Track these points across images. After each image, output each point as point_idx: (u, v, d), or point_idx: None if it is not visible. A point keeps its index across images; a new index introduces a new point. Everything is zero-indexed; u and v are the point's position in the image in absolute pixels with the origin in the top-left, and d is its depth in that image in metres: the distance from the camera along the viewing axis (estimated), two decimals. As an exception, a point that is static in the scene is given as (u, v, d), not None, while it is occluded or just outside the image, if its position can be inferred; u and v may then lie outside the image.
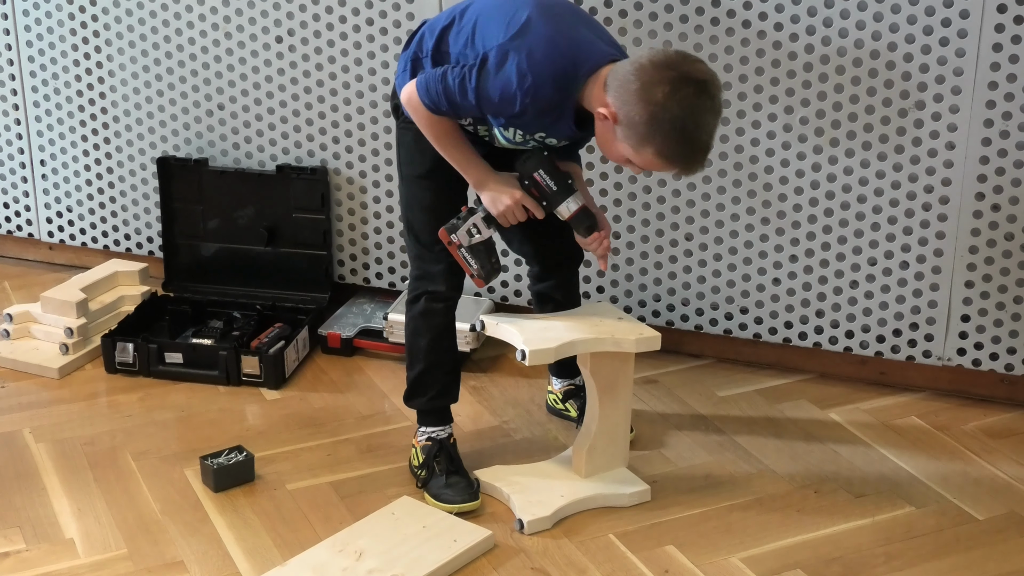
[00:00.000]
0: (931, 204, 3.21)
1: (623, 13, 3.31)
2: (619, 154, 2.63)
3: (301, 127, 3.73)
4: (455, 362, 3.02)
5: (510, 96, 2.58)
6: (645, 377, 3.47)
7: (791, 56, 3.20)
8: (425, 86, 2.66)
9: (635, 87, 2.51)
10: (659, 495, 2.93)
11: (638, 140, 2.55)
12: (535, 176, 2.74)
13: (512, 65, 2.56)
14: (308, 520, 2.83)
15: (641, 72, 2.51)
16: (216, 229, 3.84)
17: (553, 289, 3.09)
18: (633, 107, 2.51)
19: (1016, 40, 3.02)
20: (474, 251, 2.82)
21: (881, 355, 3.39)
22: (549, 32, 2.59)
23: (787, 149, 3.29)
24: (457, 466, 2.93)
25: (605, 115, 2.56)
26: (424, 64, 2.76)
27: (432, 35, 2.75)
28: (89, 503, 2.89)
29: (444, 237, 2.81)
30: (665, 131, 2.51)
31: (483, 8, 2.70)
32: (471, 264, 2.83)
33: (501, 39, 2.58)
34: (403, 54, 2.84)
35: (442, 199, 2.87)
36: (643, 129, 2.52)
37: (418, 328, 2.95)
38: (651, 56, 2.55)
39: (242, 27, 3.68)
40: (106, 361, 3.48)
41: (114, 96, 3.89)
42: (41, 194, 4.07)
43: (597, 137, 2.67)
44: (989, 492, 2.97)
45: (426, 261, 2.91)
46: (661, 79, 2.50)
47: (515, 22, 2.59)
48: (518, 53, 2.56)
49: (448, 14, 2.76)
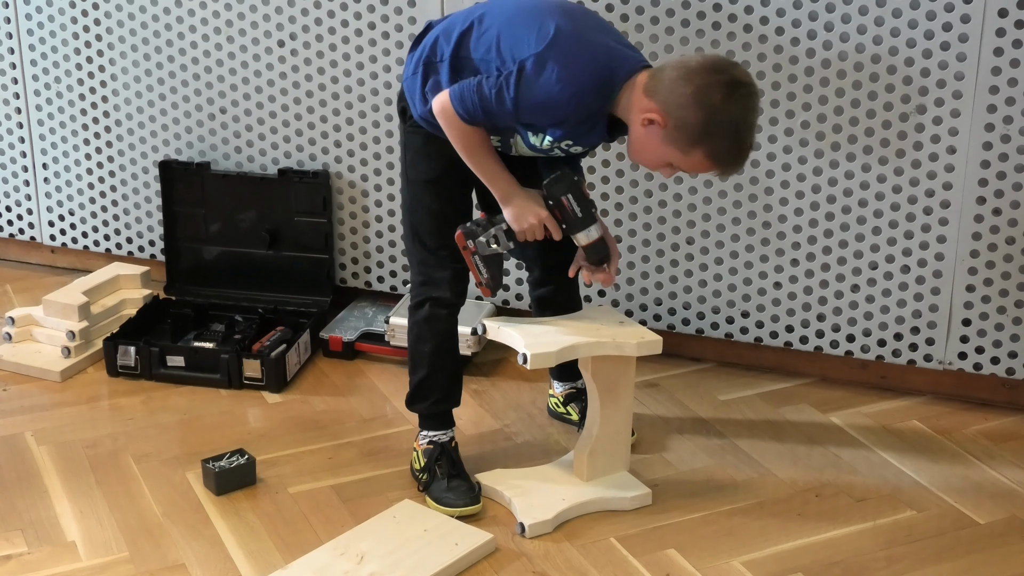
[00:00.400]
0: (932, 208, 3.22)
1: (624, 17, 3.31)
2: (659, 159, 2.65)
3: (303, 131, 3.73)
4: (457, 367, 3.02)
5: (552, 105, 2.60)
6: (646, 381, 3.47)
7: (792, 60, 3.21)
8: (460, 96, 2.63)
9: (689, 90, 2.54)
10: (660, 499, 2.93)
11: (689, 143, 2.58)
12: (563, 199, 2.74)
13: (552, 74, 2.57)
14: (309, 523, 2.83)
15: (693, 76, 2.55)
16: (218, 232, 3.85)
17: (553, 294, 3.09)
18: (687, 110, 2.54)
19: (1017, 44, 3.02)
20: (488, 261, 2.81)
21: (882, 359, 3.39)
22: (582, 41, 2.62)
23: (788, 153, 3.29)
24: (459, 470, 2.93)
25: (651, 120, 2.58)
26: (440, 69, 2.73)
27: (448, 40, 2.73)
28: (91, 506, 2.89)
29: (461, 241, 2.79)
30: (720, 133, 2.56)
31: (505, 16, 2.69)
32: (482, 273, 2.81)
33: (536, 48, 2.58)
34: (411, 56, 2.82)
35: (448, 204, 2.87)
36: (697, 131, 2.56)
37: (421, 334, 2.95)
38: (699, 60, 2.60)
39: (244, 31, 3.68)
40: (108, 364, 3.49)
41: (116, 100, 3.89)
42: (43, 197, 4.07)
43: (633, 143, 2.66)
44: (990, 496, 2.97)
45: (430, 267, 2.90)
46: (716, 82, 2.54)
47: (545, 31, 2.60)
48: (556, 62, 2.57)
49: (463, 19, 2.74)
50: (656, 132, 2.60)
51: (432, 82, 2.75)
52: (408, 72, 2.82)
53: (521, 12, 2.69)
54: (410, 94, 2.82)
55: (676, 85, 2.55)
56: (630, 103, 2.62)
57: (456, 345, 3.00)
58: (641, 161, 2.71)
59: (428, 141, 2.81)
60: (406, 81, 2.83)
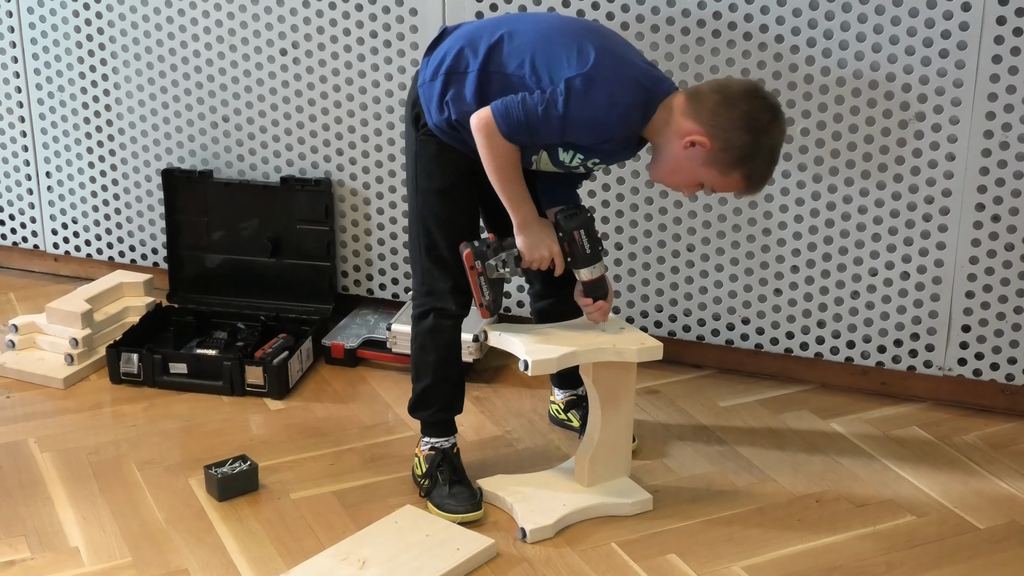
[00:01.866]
0: (931, 215, 3.23)
1: (625, 25, 3.33)
2: (693, 179, 2.70)
3: (305, 139, 3.75)
4: (461, 375, 3.02)
5: (600, 124, 2.63)
6: (647, 387, 3.48)
7: (791, 68, 3.22)
8: (505, 112, 2.61)
9: (736, 114, 2.61)
10: (661, 504, 2.94)
11: (731, 164, 2.65)
12: (575, 233, 2.77)
13: (601, 94, 2.60)
14: (312, 529, 2.84)
15: (737, 100, 2.63)
16: (220, 240, 3.86)
17: (554, 306, 3.09)
18: (734, 132, 2.61)
19: (1016, 52, 3.03)
20: (492, 284, 2.81)
21: (882, 365, 3.40)
22: (624, 63, 2.67)
23: (787, 160, 3.30)
24: (460, 476, 2.94)
25: (695, 142, 2.63)
26: (465, 80, 2.71)
27: (476, 52, 2.72)
28: (94, 512, 2.90)
29: (469, 260, 2.79)
30: (762, 156, 2.65)
31: (538, 32, 2.70)
32: (485, 294, 2.82)
33: (580, 68, 2.61)
34: (427, 62, 2.80)
35: (458, 216, 2.86)
36: (741, 153, 2.63)
37: (425, 344, 2.95)
38: (739, 84, 2.70)
39: (246, 40, 3.70)
40: (111, 371, 3.50)
41: (119, 108, 3.91)
42: (47, 206, 4.09)
43: (667, 163, 2.70)
44: (990, 502, 2.98)
45: (435, 278, 2.90)
46: (761, 107, 2.63)
47: (586, 52, 2.63)
48: (605, 83, 2.60)
49: (490, 31, 2.74)
50: (698, 154, 2.65)
51: (454, 93, 2.73)
52: (424, 78, 2.80)
53: (556, 31, 2.71)
54: (426, 101, 2.79)
55: (722, 108, 2.62)
56: (666, 125, 2.67)
57: (459, 354, 3.01)
58: (670, 180, 2.74)
59: (442, 151, 2.80)
60: (422, 87, 2.80)
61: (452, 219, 2.85)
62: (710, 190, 2.75)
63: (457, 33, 2.81)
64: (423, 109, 2.81)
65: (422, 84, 2.80)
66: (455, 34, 2.81)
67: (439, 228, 2.86)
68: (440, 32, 2.85)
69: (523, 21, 2.79)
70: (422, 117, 2.82)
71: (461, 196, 2.86)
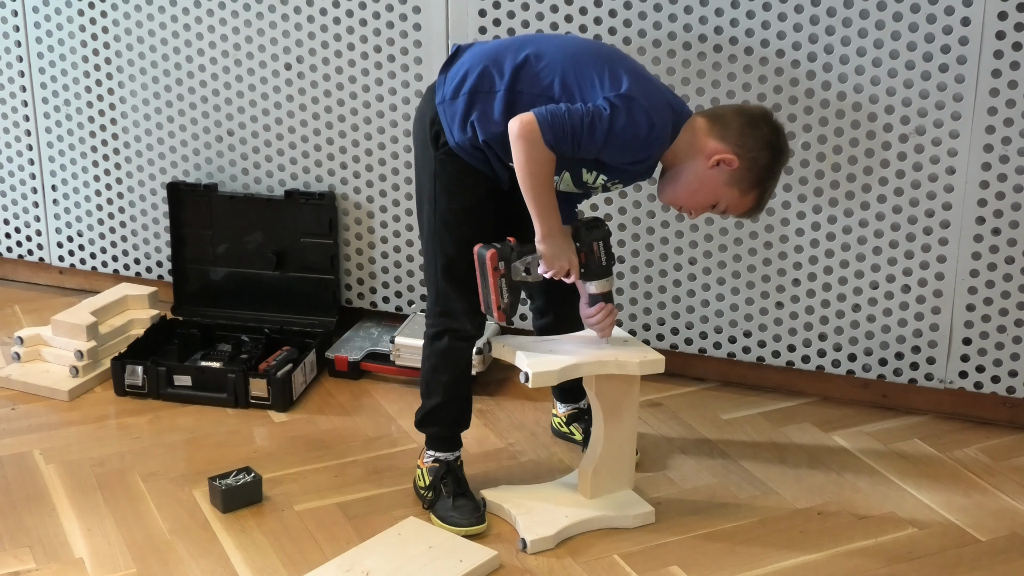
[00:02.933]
0: (932, 228, 3.24)
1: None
2: (711, 199, 2.76)
3: (309, 153, 3.77)
4: (469, 393, 3.02)
5: (638, 145, 2.67)
6: (650, 400, 3.49)
7: (792, 82, 3.24)
8: (550, 120, 2.60)
9: (760, 135, 2.71)
10: (664, 517, 2.95)
11: (752, 184, 2.73)
12: (594, 245, 2.79)
13: (641, 114, 2.64)
14: (315, 540, 2.85)
15: (759, 121, 2.73)
16: (225, 253, 3.88)
17: (555, 324, 3.10)
18: (760, 152, 2.70)
19: (1015, 66, 3.05)
20: (512, 287, 2.78)
21: (884, 378, 3.41)
22: (654, 86, 2.73)
23: (789, 174, 3.32)
24: (464, 488, 2.95)
25: (721, 160, 2.69)
26: (492, 100, 2.71)
27: (501, 72, 2.72)
28: (99, 523, 2.91)
29: (493, 260, 2.74)
30: (775, 177, 2.77)
31: (566, 55, 2.72)
32: (504, 297, 2.77)
33: (616, 89, 2.64)
34: (446, 79, 2.78)
35: (476, 236, 2.81)
36: (763, 174, 2.72)
37: (439, 364, 2.94)
38: (757, 107, 2.88)
39: (251, 54, 3.72)
40: (115, 384, 3.52)
41: (125, 122, 3.93)
42: (52, 219, 4.11)
43: (689, 183, 2.74)
44: (991, 514, 2.99)
45: (451, 299, 2.88)
46: (778, 128, 2.76)
47: (617, 75, 2.67)
48: (643, 104, 2.64)
49: (513, 51, 2.74)
50: (722, 173, 2.71)
51: (479, 113, 2.72)
52: (444, 96, 2.78)
53: (583, 53, 2.74)
54: (448, 120, 2.77)
55: (748, 129, 2.71)
56: (689, 146, 2.72)
57: (470, 373, 3.01)
58: (688, 200, 2.78)
59: (463, 171, 2.79)
60: (442, 105, 2.78)
61: (473, 239, 2.81)
62: (722, 211, 2.78)
63: (475, 52, 2.80)
64: (443, 128, 2.78)
65: (441, 102, 2.78)
66: (472, 53, 2.80)
67: (457, 248, 2.83)
68: (454, 50, 2.85)
69: (547, 42, 2.79)
70: (442, 135, 2.79)
71: (481, 217, 2.85)
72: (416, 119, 2.92)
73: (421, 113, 2.88)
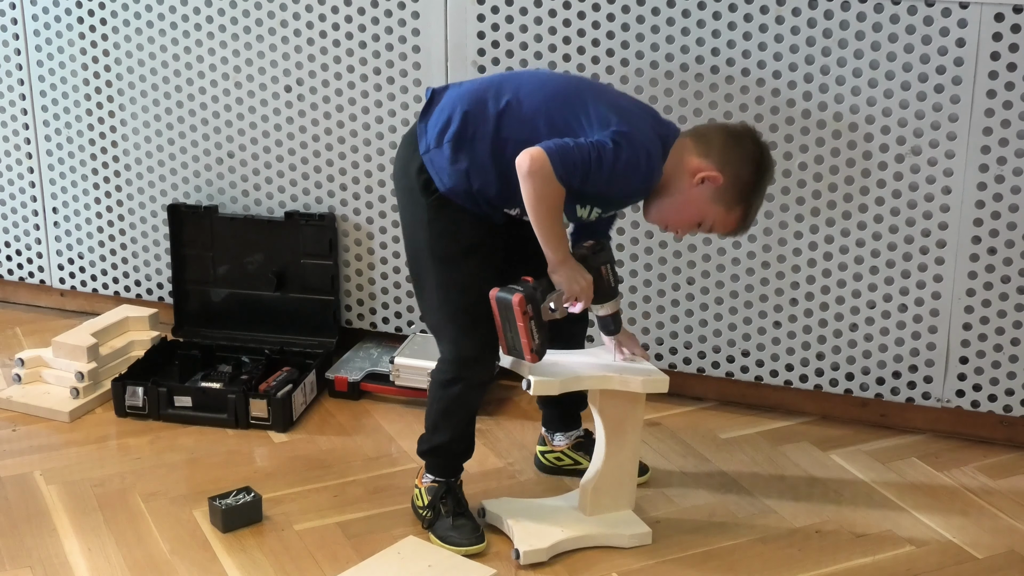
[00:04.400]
0: (928, 247, 3.26)
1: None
2: (697, 217, 2.77)
3: (309, 174, 3.79)
4: (474, 428, 3.01)
5: (641, 175, 2.70)
6: (649, 420, 3.50)
7: (789, 103, 3.26)
8: (560, 154, 2.60)
9: (743, 151, 2.73)
10: (662, 535, 2.96)
11: (737, 199, 2.74)
12: (602, 268, 2.80)
13: (638, 146, 2.67)
14: (315, 560, 2.86)
15: (742, 138, 2.75)
16: (226, 275, 3.90)
17: (552, 339, 3.08)
18: (743, 168, 2.72)
19: (1010, 87, 3.08)
20: (541, 327, 2.75)
21: (881, 397, 3.43)
22: (635, 116, 2.75)
23: (786, 194, 3.34)
24: (463, 508, 2.95)
25: (706, 177, 2.70)
26: (477, 147, 2.72)
27: (483, 118, 2.72)
28: (99, 543, 2.92)
29: (521, 306, 2.70)
30: (760, 192, 2.78)
31: (542, 97, 2.72)
32: (534, 338, 2.74)
33: (607, 126, 2.66)
34: (428, 127, 2.77)
35: (483, 278, 2.80)
36: (747, 190, 2.73)
37: (450, 408, 2.92)
38: (739, 124, 2.90)
39: (251, 76, 3.75)
40: (116, 405, 3.53)
41: (125, 144, 3.95)
42: (53, 241, 4.13)
43: (673, 202, 2.76)
44: (989, 531, 3.00)
45: (462, 346, 2.85)
46: (763, 145, 2.78)
47: (600, 112, 2.70)
48: (636, 137, 2.67)
49: (493, 94, 2.74)
50: (707, 190, 2.72)
51: (469, 162, 2.72)
52: (428, 144, 2.77)
53: (563, 91, 2.75)
54: (436, 168, 2.77)
55: (730, 145, 2.73)
56: (676, 166, 2.74)
57: (477, 411, 3.01)
58: (674, 219, 2.79)
59: (459, 214, 2.78)
60: (428, 155, 2.78)
61: (477, 282, 2.79)
62: (708, 229, 2.80)
63: (453, 96, 2.79)
64: (432, 175, 2.78)
65: (426, 152, 2.78)
66: (450, 97, 2.79)
67: (462, 293, 2.82)
68: (429, 95, 2.83)
69: (522, 85, 2.78)
70: (432, 183, 2.78)
71: (484, 257, 2.83)
72: (398, 168, 2.89)
73: (404, 162, 2.86)
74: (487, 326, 2.81)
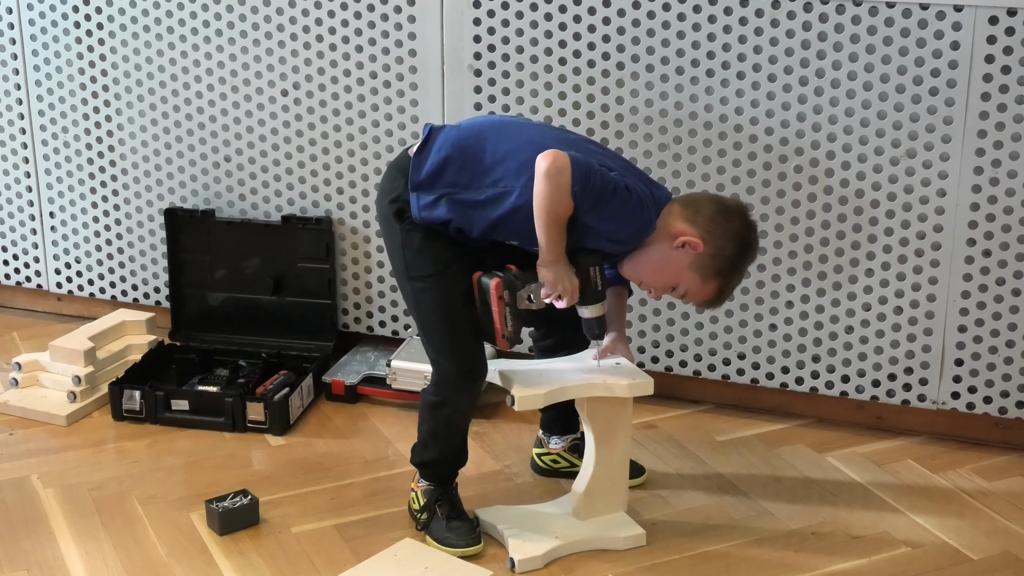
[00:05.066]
0: (923, 250, 3.27)
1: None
2: (672, 280, 2.78)
3: (306, 178, 3.79)
4: (466, 438, 3.01)
5: (635, 229, 2.73)
6: (645, 422, 3.51)
7: (784, 106, 3.27)
8: (584, 172, 2.62)
9: (730, 226, 2.74)
10: (659, 537, 2.96)
11: (713, 273, 2.75)
12: (591, 270, 2.79)
13: (642, 200, 2.70)
14: (312, 562, 2.87)
15: (731, 213, 2.76)
16: (223, 279, 3.90)
17: (558, 345, 3.10)
18: (727, 242, 2.73)
19: (1004, 89, 3.09)
20: (516, 315, 2.79)
21: (877, 399, 3.43)
22: (636, 177, 2.77)
23: (781, 197, 3.35)
24: (459, 511, 2.96)
25: (687, 243, 2.72)
26: (472, 195, 2.73)
27: (478, 167, 2.74)
28: (97, 547, 2.93)
29: (498, 290, 2.75)
30: (739, 271, 2.79)
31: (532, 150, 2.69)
32: (508, 326, 2.79)
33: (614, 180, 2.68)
34: (419, 166, 2.78)
35: (453, 296, 2.83)
36: (724, 264, 2.74)
37: (439, 429, 2.94)
38: (733, 199, 2.90)
39: (248, 81, 3.76)
40: (113, 409, 3.53)
41: (122, 149, 3.96)
42: (50, 245, 4.13)
43: (651, 260, 2.78)
44: (984, 533, 3.01)
45: (443, 367, 2.87)
46: (752, 226, 2.79)
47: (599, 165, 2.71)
48: (637, 194, 2.70)
49: (491, 146, 2.75)
50: (686, 256, 2.74)
51: (458, 208, 2.75)
52: (420, 181, 2.77)
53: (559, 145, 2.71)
54: (418, 202, 2.78)
55: (719, 218, 2.74)
56: (660, 228, 2.75)
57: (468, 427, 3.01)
58: (649, 277, 2.80)
59: (429, 236, 2.80)
60: (417, 192, 2.78)
61: (448, 300, 2.83)
62: (681, 295, 2.81)
63: (448, 139, 2.79)
64: (411, 205, 2.80)
65: (416, 188, 2.78)
66: (445, 139, 2.79)
67: (434, 314, 2.84)
68: (427, 132, 2.83)
69: (513, 137, 2.78)
70: (406, 211, 2.81)
71: (455, 275, 2.83)
72: (379, 196, 2.92)
73: (383, 191, 2.89)
74: (464, 346, 2.84)
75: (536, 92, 3.48)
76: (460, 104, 3.55)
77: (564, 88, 3.45)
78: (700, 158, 3.38)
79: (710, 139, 3.35)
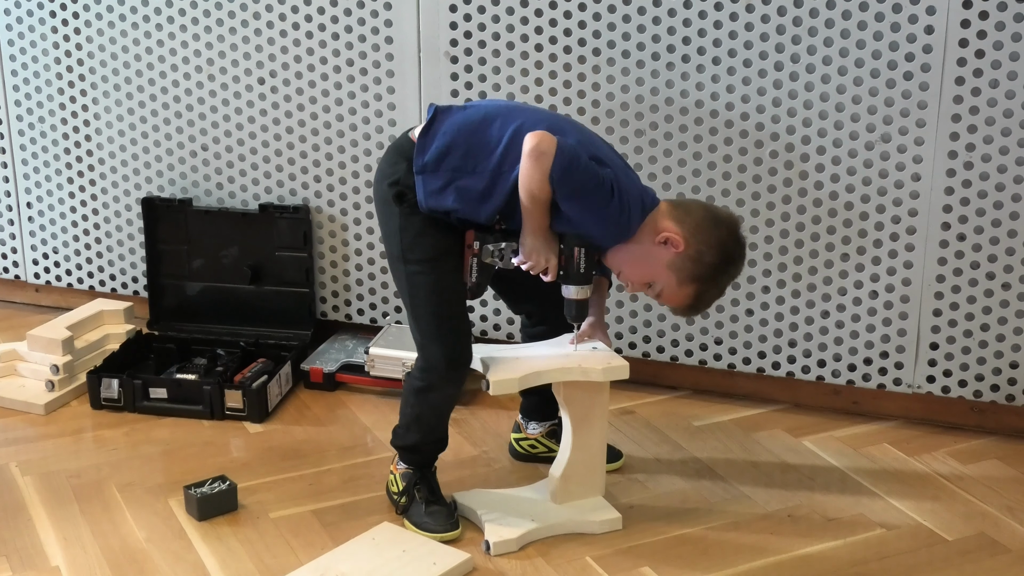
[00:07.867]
0: (898, 234, 3.29)
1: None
2: (648, 276, 2.78)
3: (283, 167, 3.80)
4: (448, 424, 3.02)
5: (614, 230, 2.73)
6: (622, 408, 3.53)
7: (760, 92, 3.29)
8: (569, 161, 2.62)
9: (717, 235, 2.74)
10: (636, 520, 2.98)
11: (691, 277, 2.74)
12: (576, 250, 2.80)
13: (626, 206, 2.70)
14: (291, 547, 2.87)
15: (721, 222, 2.76)
16: (201, 268, 3.90)
17: (547, 333, 3.09)
18: (709, 249, 2.72)
19: (978, 73, 3.10)
20: (483, 269, 2.82)
21: (853, 384, 3.45)
22: (629, 178, 2.78)
23: (757, 182, 3.36)
24: (437, 496, 2.97)
25: (669, 240, 2.72)
26: (473, 180, 2.73)
27: (485, 151, 2.73)
28: (75, 533, 2.92)
29: (470, 237, 2.79)
30: (718, 283, 2.79)
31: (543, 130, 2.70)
32: (472, 276, 2.82)
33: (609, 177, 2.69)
34: (424, 150, 2.76)
35: (447, 282, 2.84)
36: (705, 272, 2.74)
37: (423, 414, 2.94)
38: (726, 211, 2.85)
39: (225, 69, 3.76)
40: (91, 397, 3.53)
41: (99, 138, 3.95)
42: (27, 236, 4.13)
43: (632, 252, 2.77)
44: (960, 515, 3.03)
45: (431, 354, 2.87)
46: (739, 240, 2.78)
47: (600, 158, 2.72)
48: (625, 198, 2.70)
49: (497, 129, 2.73)
50: (667, 254, 2.74)
51: (459, 193, 2.74)
52: (423, 165, 2.76)
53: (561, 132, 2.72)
54: (423, 188, 2.77)
55: (707, 223, 2.74)
56: (648, 224, 2.75)
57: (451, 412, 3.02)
58: (627, 269, 2.80)
59: (428, 222, 2.80)
60: (422, 175, 2.77)
61: (443, 285, 2.83)
62: (656, 294, 2.81)
63: (454, 124, 2.77)
64: (417, 190, 2.78)
65: (421, 172, 2.77)
66: (452, 124, 2.77)
67: (427, 300, 2.84)
68: (432, 114, 2.80)
69: (525, 120, 2.76)
70: (406, 196, 2.79)
71: (452, 260, 2.83)
72: (377, 178, 2.90)
73: (382, 174, 2.88)
74: (454, 333, 2.85)
75: (513, 79, 3.48)
76: (437, 91, 3.56)
77: (540, 75, 3.46)
78: (676, 143, 3.39)
79: (686, 124, 3.37)
